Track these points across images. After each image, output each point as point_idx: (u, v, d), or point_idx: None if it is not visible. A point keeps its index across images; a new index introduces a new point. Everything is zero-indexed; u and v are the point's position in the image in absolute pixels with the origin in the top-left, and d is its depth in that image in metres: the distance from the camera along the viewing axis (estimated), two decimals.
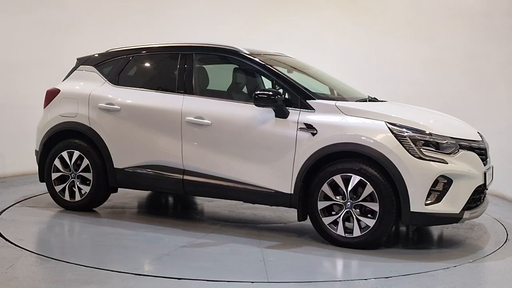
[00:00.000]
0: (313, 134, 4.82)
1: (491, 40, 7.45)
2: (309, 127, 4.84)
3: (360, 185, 4.66)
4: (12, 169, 7.79)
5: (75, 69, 6.14)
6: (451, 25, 7.97)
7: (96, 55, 6.06)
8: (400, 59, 8.58)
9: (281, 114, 4.94)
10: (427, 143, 4.62)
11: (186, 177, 5.32)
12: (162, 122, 5.41)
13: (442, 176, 4.56)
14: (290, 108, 4.95)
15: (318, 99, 4.98)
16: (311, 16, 9.42)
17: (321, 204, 4.81)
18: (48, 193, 6.03)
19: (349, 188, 4.69)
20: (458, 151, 4.68)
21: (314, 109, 4.90)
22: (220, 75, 5.88)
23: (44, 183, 6.03)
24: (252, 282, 3.95)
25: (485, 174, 4.84)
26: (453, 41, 7.94)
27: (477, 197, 4.86)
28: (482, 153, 4.92)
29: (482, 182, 4.80)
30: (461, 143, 4.74)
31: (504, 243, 5.12)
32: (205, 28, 8.90)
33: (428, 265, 4.41)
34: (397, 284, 3.99)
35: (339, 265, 4.53)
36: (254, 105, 4.98)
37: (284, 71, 5.44)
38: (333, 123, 4.80)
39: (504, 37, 7.28)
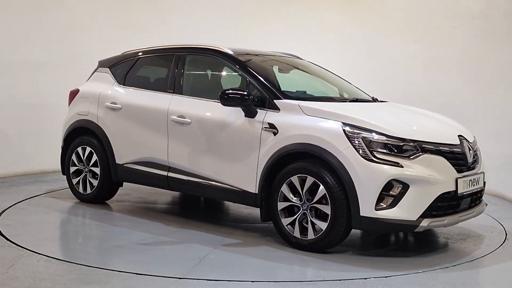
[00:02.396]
0: (275, 134, 4.80)
1: (490, 41, 7.46)
2: (271, 127, 4.82)
3: (315, 187, 4.56)
4: (12, 169, 7.81)
5: (95, 71, 6.48)
6: (450, 25, 7.98)
7: (111, 58, 6.40)
8: (399, 59, 8.59)
9: (249, 113, 4.96)
10: (383, 146, 4.41)
11: (170, 174, 5.50)
12: (153, 120, 5.61)
13: (397, 180, 4.33)
14: (259, 108, 4.95)
15: (286, 98, 4.94)
16: (310, 17, 9.42)
17: (281, 205, 4.73)
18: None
19: (304, 189, 4.61)
20: (419, 154, 4.44)
21: (279, 109, 4.88)
22: (208, 75, 5.95)
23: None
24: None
25: (456, 180, 4.55)
26: (452, 41, 7.95)
27: (445, 205, 4.53)
28: (457, 157, 4.64)
29: (451, 189, 4.50)
30: (424, 146, 4.48)
31: (503, 242, 5.13)
32: (205, 29, 8.92)
33: (427, 265, 4.42)
34: (397, 283, 4.01)
35: (294, 267, 4.40)
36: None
37: (272, 71, 5.58)
38: (292, 123, 4.74)
39: (503, 37, 7.29)
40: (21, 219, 5.53)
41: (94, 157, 6.07)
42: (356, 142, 4.43)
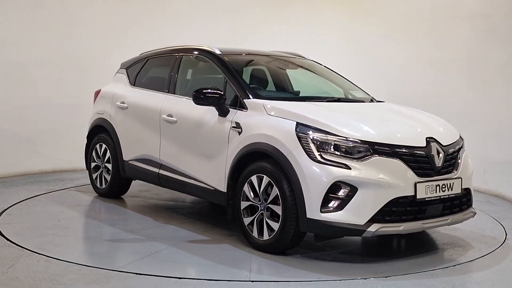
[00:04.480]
0: (239, 133, 4.80)
1: (490, 41, 7.46)
2: (237, 126, 4.83)
3: (271, 187, 4.50)
4: (12, 169, 7.81)
5: (117, 72, 6.74)
6: (451, 25, 7.98)
7: (129, 59, 6.65)
8: (400, 59, 8.59)
9: (221, 112, 5.00)
10: (333, 146, 4.28)
11: (161, 172, 5.65)
12: (150, 119, 5.78)
13: (343, 182, 4.18)
14: (232, 107, 4.98)
15: (256, 98, 4.92)
16: (311, 17, 9.43)
17: (243, 204, 4.72)
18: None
19: (261, 189, 4.57)
20: (370, 156, 4.26)
21: (247, 108, 4.89)
22: (197, 74, 6.02)
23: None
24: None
25: (415, 185, 4.31)
26: (452, 41, 7.95)
27: (402, 210, 4.29)
28: (419, 161, 4.39)
29: (407, 194, 4.28)
30: (377, 148, 4.28)
31: (503, 242, 5.12)
32: (204, 29, 8.91)
33: (427, 265, 4.42)
34: (397, 283, 4.01)
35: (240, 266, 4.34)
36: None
37: (262, 70, 5.76)
38: (254, 123, 4.73)
39: (503, 37, 7.29)
40: (21, 219, 5.54)
41: (108, 154, 6.34)
42: (306, 142, 4.34)
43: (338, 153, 4.28)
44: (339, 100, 5.41)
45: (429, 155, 4.46)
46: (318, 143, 4.32)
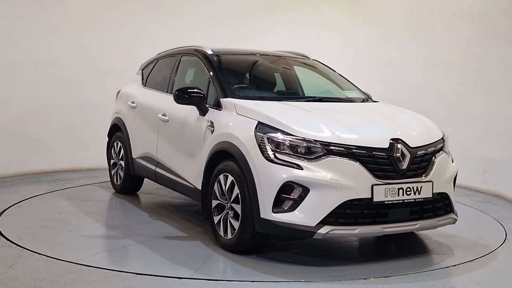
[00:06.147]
0: (212, 132, 4.84)
1: (490, 41, 7.46)
2: (211, 125, 4.87)
3: (234, 186, 4.50)
4: (12, 169, 7.81)
5: (136, 73, 6.93)
6: (450, 26, 7.98)
7: (146, 60, 6.83)
8: (400, 59, 8.59)
9: (201, 112, 5.05)
10: (288, 146, 4.22)
11: (157, 169, 5.82)
12: (151, 119, 5.94)
13: (295, 183, 4.12)
14: (211, 106, 5.01)
15: (233, 97, 4.92)
16: (311, 17, 9.44)
17: (213, 203, 4.73)
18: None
19: (226, 188, 4.58)
20: (324, 157, 4.16)
21: (222, 108, 4.91)
22: (191, 74, 6.06)
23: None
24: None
25: (372, 187, 4.16)
26: (452, 41, 7.95)
27: (358, 213, 4.17)
28: (379, 163, 4.24)
29: (363, 196, 4.14)
30: (332, 148, 4.18)
31: (503, 243, 5.12)
32: (205, 29, 8.92)
33: (427, 265, 4.42)
34: (397, 283, 4.01)
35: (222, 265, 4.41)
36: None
37: (257, 70, 5.79)
38: (224, 122, 4.76)
39: (503, 37, 7.29)
40: (21, 219, 5.53)
41: (122, 152, 6.58)
42: (262, 141, 4.31)
43: (292, 153, 4.22)
44: (320, 100, 5.28)
45: (391, 157, 4.29)
46: (273, 142, 4.28)
